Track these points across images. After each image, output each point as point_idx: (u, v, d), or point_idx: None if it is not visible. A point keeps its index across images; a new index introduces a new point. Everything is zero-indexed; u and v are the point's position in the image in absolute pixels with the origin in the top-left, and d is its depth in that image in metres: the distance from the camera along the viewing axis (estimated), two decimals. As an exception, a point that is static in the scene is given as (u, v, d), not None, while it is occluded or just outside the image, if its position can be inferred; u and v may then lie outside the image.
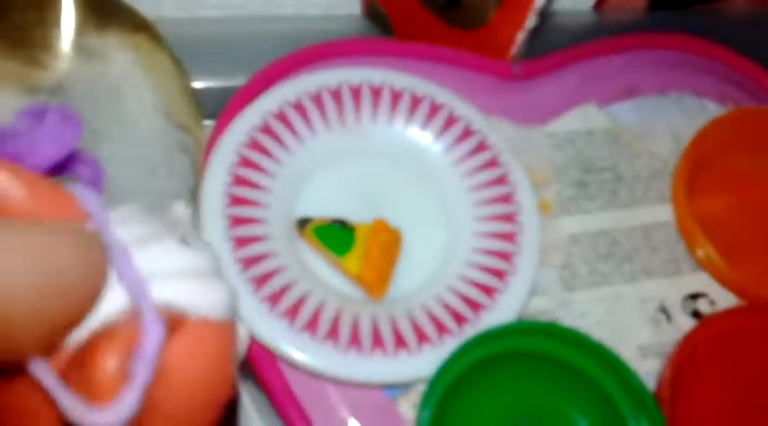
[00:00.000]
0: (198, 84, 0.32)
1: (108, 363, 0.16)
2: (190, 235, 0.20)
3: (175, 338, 0.17)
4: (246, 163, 0.27)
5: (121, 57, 0.30)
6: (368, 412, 0.25)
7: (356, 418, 0.25)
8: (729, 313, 0.28)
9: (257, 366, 0.25)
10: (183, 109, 0.31)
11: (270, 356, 0.25)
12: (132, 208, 0.19)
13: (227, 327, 0.19)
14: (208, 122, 0.30)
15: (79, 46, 0.30)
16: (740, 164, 0.32)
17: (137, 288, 0.17)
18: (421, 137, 0.29)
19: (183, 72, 0.31)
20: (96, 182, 0.22)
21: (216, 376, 0.19)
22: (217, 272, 0.19)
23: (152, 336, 0.16)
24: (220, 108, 0.29)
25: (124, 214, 0.19)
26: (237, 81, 0.31)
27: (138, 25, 0.30)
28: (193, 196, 0.29)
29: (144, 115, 0.30)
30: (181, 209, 0.21)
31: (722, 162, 0.31)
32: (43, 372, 0.16)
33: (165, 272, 0.18)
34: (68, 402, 0.15)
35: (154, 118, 0.30)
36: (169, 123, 0.30)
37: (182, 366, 0.17)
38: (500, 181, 0.28)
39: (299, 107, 0.28)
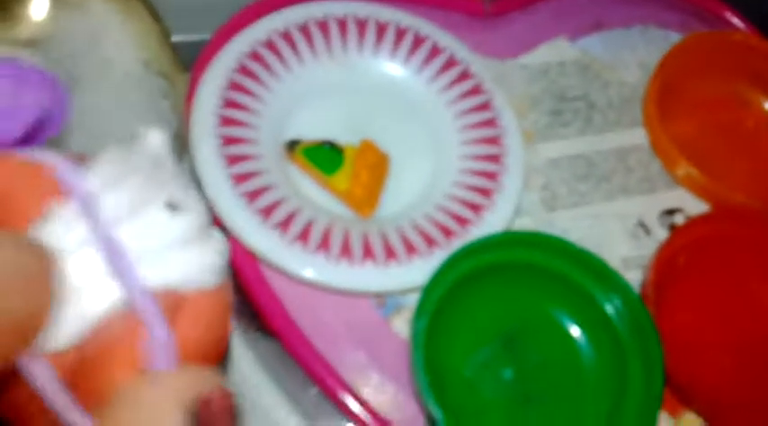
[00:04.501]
0: (174, 38, 0.32)
1: (117, 378, 0.15)
2: (176, 184, 0.18)
3: (177, 320, 0.16)
4: (236, 87, 0.27)
5: (98, 6, 0.30)
6: (362, 329, 0.25)
7: (351, 335, 0.25)
8: (703, 219, 0.29)
9: (249, 285, 0.25)
10: (161, 57, 0.31)
11: (261, 276, 0.25)
12: (111, 157, 0.18)
13: (221, 290, 0.18)
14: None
15: (55, -2, 0.30)
16: (706, 88, 0.33)
17: (129, 280, 0.16)
18: (406, 68, 0.30)
19: (159, 21, 0.31)
20: (61, 106, 0.21)
21: (216, 340, 0.18)
22: (205, 228, 0.18)
23: (158, 343, 0.15)
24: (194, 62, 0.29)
25: (104, 171, 0.17)
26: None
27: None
28: (177, 139, 0.29)
29: (123, 62, 0.30)
30: (156, 139, 0.19)
31: (689, 86, 0.32)
32: (45, 379, 0.15)
33: (157, 249, 0.16)
34: (75, 416, 0.15)
35: (134, 65, 0.30)
36: (149, 70, 0.31)
37: (184, 344, 0.16)
38: (484, 107, 0.29)
39: (286, 36, 0.29)
